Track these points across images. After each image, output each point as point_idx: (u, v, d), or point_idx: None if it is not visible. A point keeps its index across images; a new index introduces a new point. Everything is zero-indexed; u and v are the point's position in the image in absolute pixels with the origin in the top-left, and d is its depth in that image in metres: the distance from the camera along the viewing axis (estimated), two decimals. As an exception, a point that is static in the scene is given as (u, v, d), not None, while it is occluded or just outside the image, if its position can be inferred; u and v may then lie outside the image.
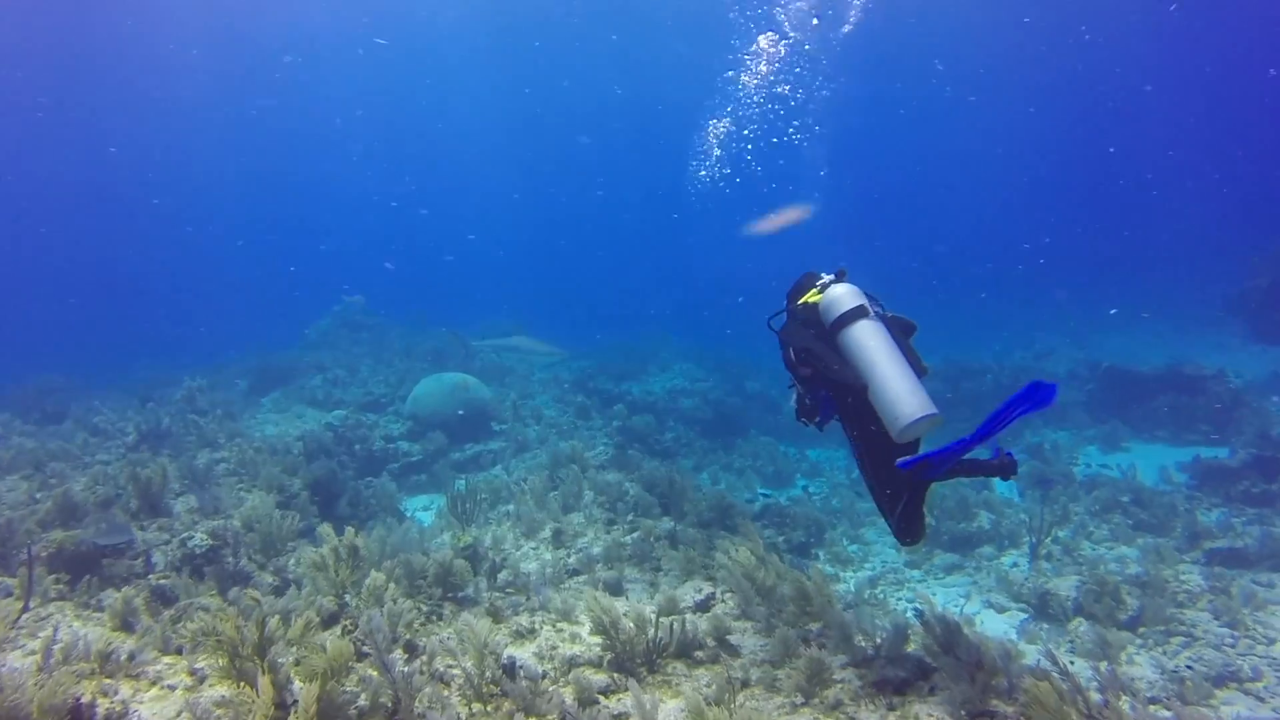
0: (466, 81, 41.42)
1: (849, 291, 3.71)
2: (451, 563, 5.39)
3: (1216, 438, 12.52)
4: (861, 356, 3.50)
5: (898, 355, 3.47)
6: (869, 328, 3.55)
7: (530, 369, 16.30)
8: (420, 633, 4.64)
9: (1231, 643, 6.75)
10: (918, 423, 3.30)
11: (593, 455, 9.90)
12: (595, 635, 4.21)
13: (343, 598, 4.86)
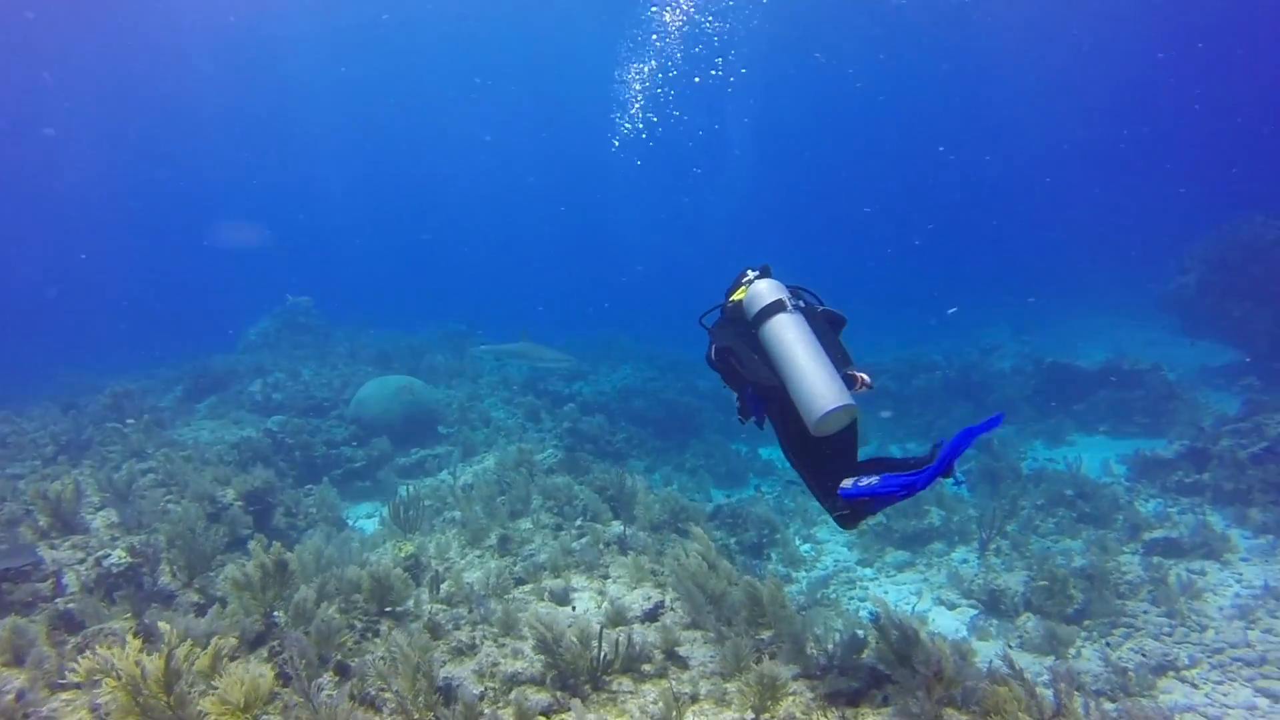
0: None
1: (768, 286, 3.67)
2: (390, 575, 5.13)
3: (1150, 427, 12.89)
4: (777, 351, 3.44)
5: (814, 348, 3.39)
6: (785, 321, 3.48)
7: (479, 370, 15.96)
8: (354, 652, 4.38)
9: (1169, 631, 6.88)
10: (830, 414, 3.20)
11: (542, 458, 9.66)
12: (538, 652, 4.01)
13: (271, 617, 4.56)
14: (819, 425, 3.24)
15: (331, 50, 37.35)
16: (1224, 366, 15.62)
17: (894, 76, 42.32)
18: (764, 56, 34.05)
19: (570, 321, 29.18)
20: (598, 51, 28.04)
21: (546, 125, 46.46)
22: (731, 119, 41.63)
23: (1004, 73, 41.76)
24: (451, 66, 40.29)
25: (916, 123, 47.82)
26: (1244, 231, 15.50)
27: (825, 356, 3.37)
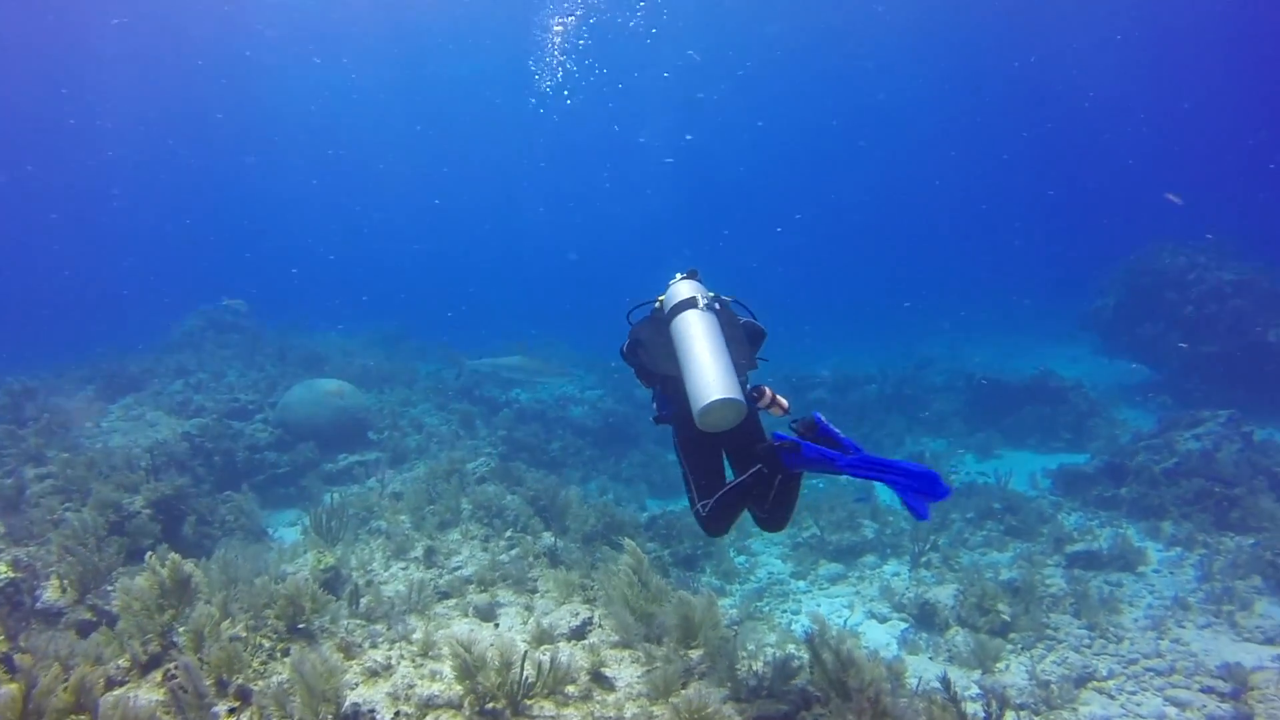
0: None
1: (687, 286, 3.68)
2: (304, 589, 4.84)
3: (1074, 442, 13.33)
4: (680, 344, 3.42)
5: (715, 344, 3.35)
6: (693, 316, 3.46)
7: (413, 374, 15.53)
8: (259, 675, 4.09)
9: (1089, 644, 7.03)
10: (714, 405, 3.14)
11: (473, 467, 9.40)
12: (457, 674, 3.80)
13: (170, 637, 4.23)
14: (702, 416, 3.18)
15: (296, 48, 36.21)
16: (1140, 384, 16.29)
17: (842, 97, 43.38)
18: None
19: (507, 324, 28.69)
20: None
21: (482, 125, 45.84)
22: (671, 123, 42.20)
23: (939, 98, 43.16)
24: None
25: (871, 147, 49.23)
26: (1156, 258, 16.26)
27: (726, 355, 3.32)
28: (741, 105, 43.83)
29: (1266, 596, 7.58)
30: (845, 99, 43.80)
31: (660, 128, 45.26)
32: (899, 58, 37.02)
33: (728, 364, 3.28)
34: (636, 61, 36.46)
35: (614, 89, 38.41)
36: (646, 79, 38.40)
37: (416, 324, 23.88)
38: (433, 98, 41.44)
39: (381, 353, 17.70)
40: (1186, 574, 8.29)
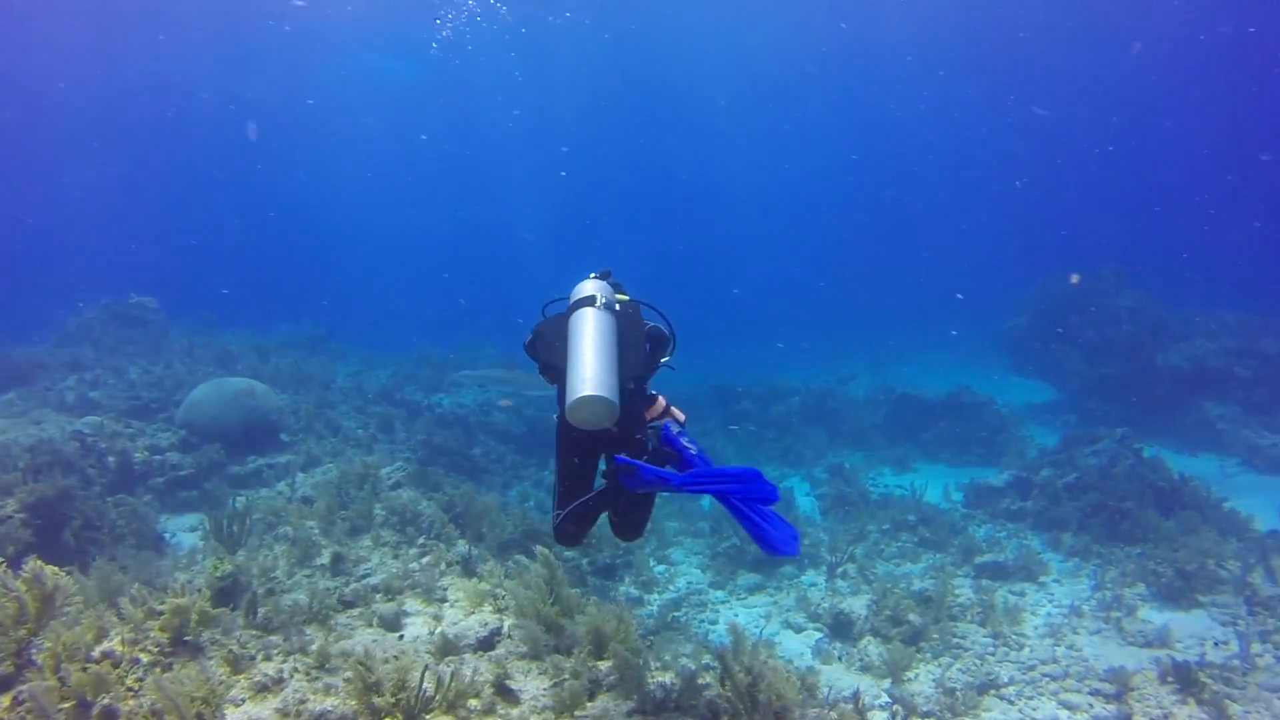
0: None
1: (590, 284, 3.65)
2: (192, 598, 4.54)
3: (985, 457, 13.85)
4: (570, 339, 3.40)
5: (603, 343, 3.32)
6: (588, 314, 3.43)
7: (331, 376, 15.00)
8: (132, 693, 3.80)
9: (993, 651, 7.26)
10: (581, 400, 3.12)
11: (389, 471, 9.10)
12: (352, 687, 3.62)
13: (27, 655, 3.89)
14: (571, 411, 3.17)
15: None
16: (1047, 403, 17.08)
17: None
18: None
19: (433, 324, 28.08)
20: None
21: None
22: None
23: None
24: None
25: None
26: (1063, 283, 17.14)
27: (609, 355, 3.30)
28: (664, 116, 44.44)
29: (1149, 603, 7.99)
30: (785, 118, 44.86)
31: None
32: (838, 69, 38.09)
33: (607, 364, 3.25)
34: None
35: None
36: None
37: (342, 326, 23.18)
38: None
39: (300, 354, 17.03)
40: (1082, 583, 8.67)
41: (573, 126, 45.85)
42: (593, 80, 39.85)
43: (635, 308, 3.72)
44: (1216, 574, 8.20)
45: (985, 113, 41.71)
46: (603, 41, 35.45)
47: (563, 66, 37.94)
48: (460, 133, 47.56)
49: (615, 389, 3.19)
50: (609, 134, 47.51)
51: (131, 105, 38.10)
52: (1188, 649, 6.96)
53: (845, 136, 46.82)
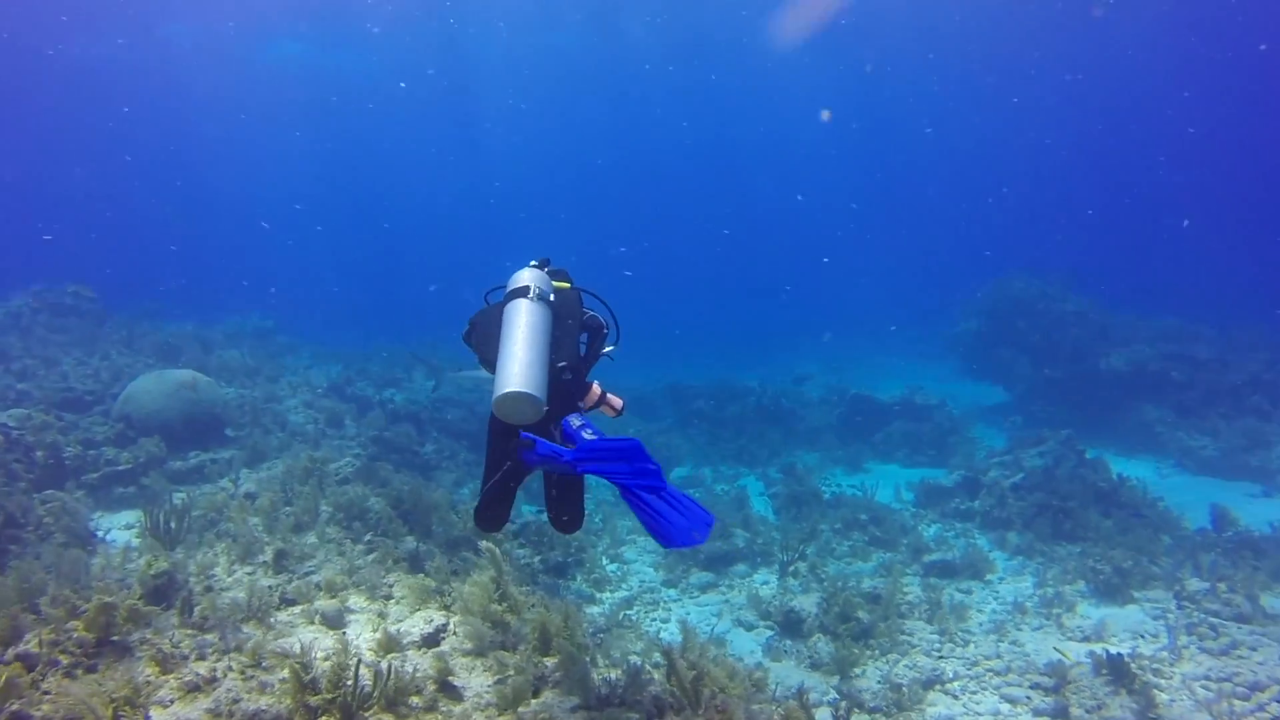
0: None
1: (525, 274, 3.64)
2: (120, 597, 4.36)
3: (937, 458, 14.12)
4: (502, 331, 3.41)
5: (534, 335, 3.33)
6: (520, 305, 3.44)
7: (279, 369, 14.63)
8: (45, 697, 3.62)
9: (939, 648, 7.38)
10: (506, 397, 3.15)
11: (337, 467, 8.89)
12: (287, 685, 3.50)
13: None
14: (497, 406, 3.19)
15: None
16: (996, 405, 17.48)
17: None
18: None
19: (385, 319, 27.55)
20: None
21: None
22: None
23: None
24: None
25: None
26: (1012, 287, 17.59)
27: (542, 347, 3.31)
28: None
29: (1088, 599, 8.22)
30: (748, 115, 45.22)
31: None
32: (789, 70, 38.48)
33: (536, 358, 3.25)
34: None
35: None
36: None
37: (293, 319, 22.66)
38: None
39: (247, 346, 16.55)
40: (1025, 581, 8.87)
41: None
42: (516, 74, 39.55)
43: (572, 297, 3.72)
44: (1150, 571, 8.47)
45: (940, 116, 42.60)
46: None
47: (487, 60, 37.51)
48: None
49: (542, 384, 3.20)
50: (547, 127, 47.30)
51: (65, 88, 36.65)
52: (1121, 642, 7.16)
53: (806, 139, 47.40)
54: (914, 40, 33.97)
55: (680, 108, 43.15)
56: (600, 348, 3.82)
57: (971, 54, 35.05)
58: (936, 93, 39.39)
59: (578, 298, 3.77)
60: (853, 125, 44.54)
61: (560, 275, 3.85)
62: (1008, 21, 31.52)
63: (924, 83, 38.81)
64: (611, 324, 3.85)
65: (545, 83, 39.71)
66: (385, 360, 17.05)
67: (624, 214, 57.86)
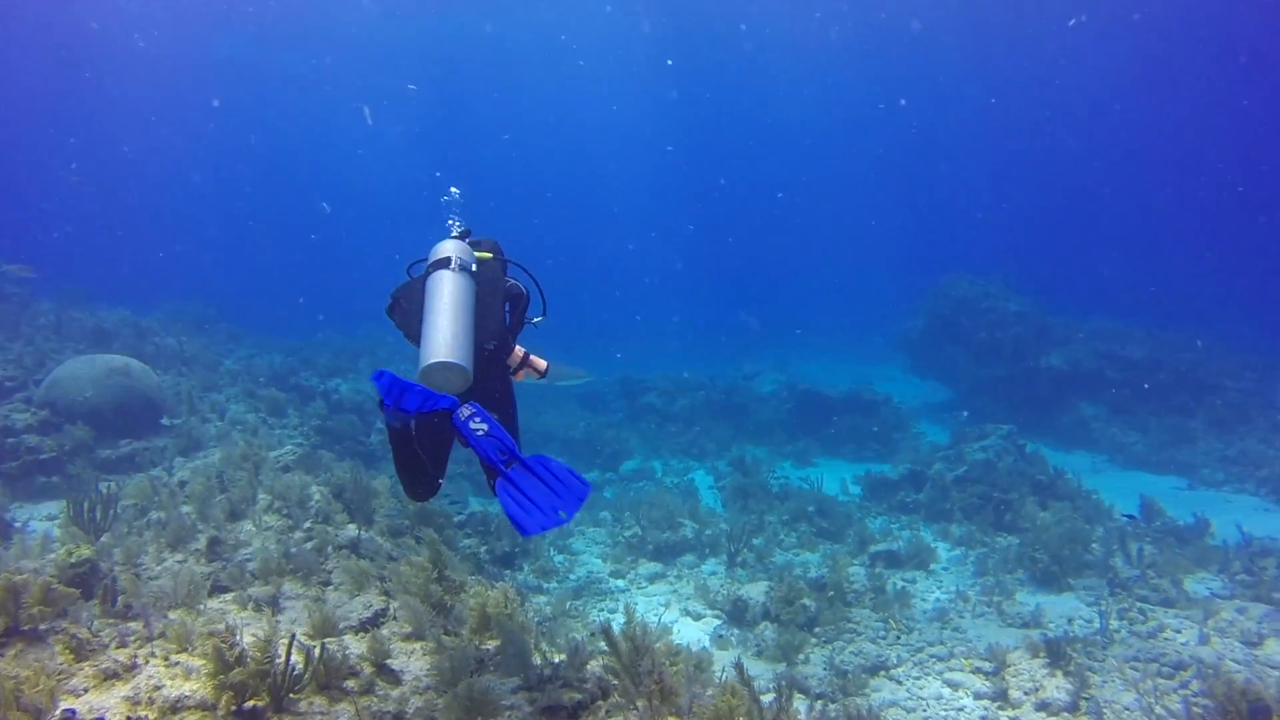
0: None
1: (447, 245, 3.61)
2: (28, 584, 4.12)
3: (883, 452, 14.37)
4: (426, 303, 3.41)
5: (457, 306, 3.33)
6: (443, 276, 3.43)
7: (219, 357, 14.14)
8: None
9: (884, 635, 7.48)
10: (432, 367, 3.15)
11: (278, 455, 8.60)
12: (212, 670, 3.34)
13: None
14: (425, 376, 3.18)
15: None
16: (941, 401, 17.88)
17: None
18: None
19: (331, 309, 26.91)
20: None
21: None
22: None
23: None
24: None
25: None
26: (956, 287, 18.00)
27: (466, 318, 3.31)
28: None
29: (1026, 587, 8.44)
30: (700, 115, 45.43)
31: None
32: (762, 70, 38.84)
33: (461, 328, 3.24)
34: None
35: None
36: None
37: (235, 306, 21.94)
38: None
39: (185, 334, 15.95)
40: (967, 570, 9.07)
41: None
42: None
43: (495, 267, 3.71)
44: (1084, 559, 8.74)
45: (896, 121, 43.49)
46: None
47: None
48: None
49: (468, 353, 3.19)
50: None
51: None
52: (1058, 628, 7.36)
53: (775, 139, 47.90)
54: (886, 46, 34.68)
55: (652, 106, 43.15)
56: (524, 315, 3.85)
57: (948, 60, 35.87)
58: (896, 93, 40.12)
59: (501, 267, 3.76)
60: (818, 122, 45.11)
61: (485, 246, 3.83)
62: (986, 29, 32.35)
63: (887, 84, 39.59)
64: (535, 293, 3.89)
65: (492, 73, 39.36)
66: (333, 351, 16.68)
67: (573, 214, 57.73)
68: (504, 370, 3.69)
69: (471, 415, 3.15)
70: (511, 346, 3.74)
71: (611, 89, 42.09)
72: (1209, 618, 7.36)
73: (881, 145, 47.61)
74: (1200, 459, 13.16)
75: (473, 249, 3.71)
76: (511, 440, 3.14)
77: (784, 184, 51.90)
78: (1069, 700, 5.93)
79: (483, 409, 3.20)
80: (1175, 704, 5.88)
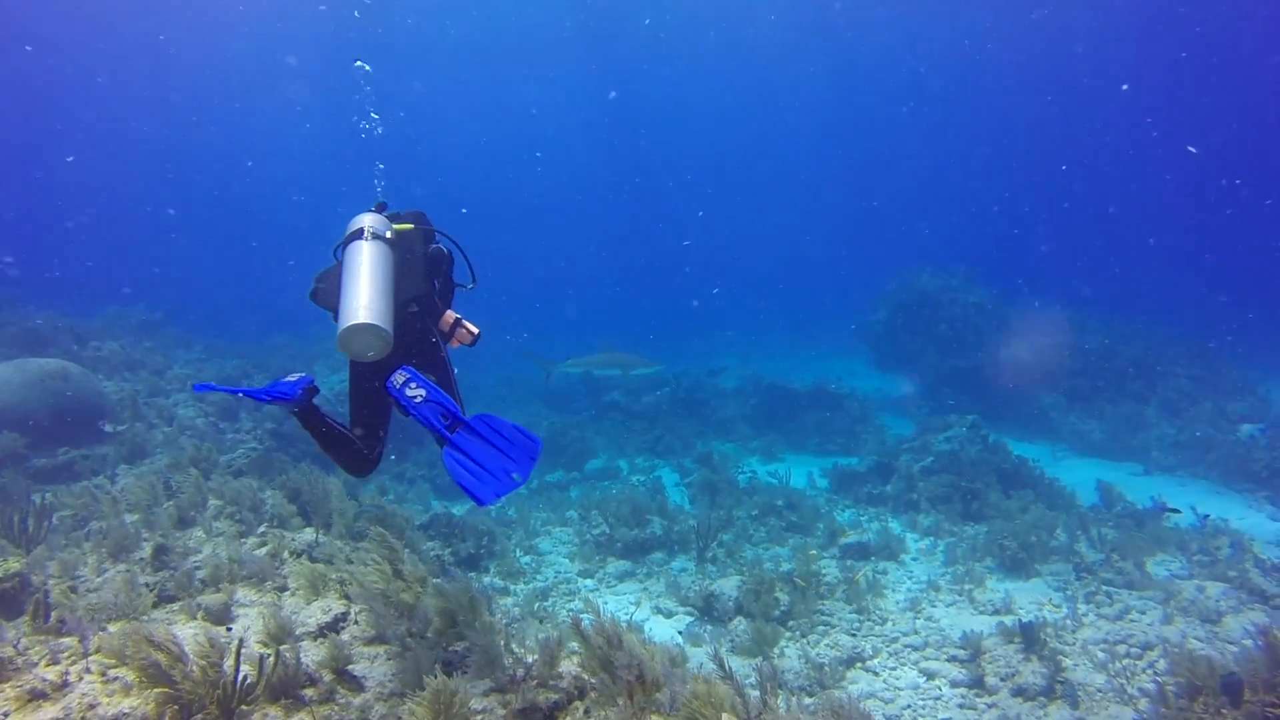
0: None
1: (361, 218, 3.59)
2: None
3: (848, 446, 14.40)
4: (343, 274, 3.37)
5: (373, 272, 3.30)
6: (357, 246, 3.39)
7: (167, 363, 13.58)
8: None
9: (858, 627, 7.42)
10: (348, 330, 3.09)
11: (230, 459, 8.24)
12: (154, 683, 3.08)
13: None
14: (342, 342, 3.13)
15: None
16: (905, 393, 18.00)
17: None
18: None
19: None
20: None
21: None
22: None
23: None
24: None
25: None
26: (918, 279, 18.18)
27: (382, 282, 3.27)
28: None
29: (996, 574, 8.46)
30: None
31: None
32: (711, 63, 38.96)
33: (376, 291, 3.19)
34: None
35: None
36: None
37: (185, 311, 21.18)
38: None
39: (129, 339, 15.29)
40: (937, 559, 9.07)
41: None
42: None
43: (415, 235, 3.70)
44: (1050, 545, 8.81)
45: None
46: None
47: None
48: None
49: (385, 315, 3.14)
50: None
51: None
52: (1028, 613, 7.38)
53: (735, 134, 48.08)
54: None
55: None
56: (450, 278, 3.85)
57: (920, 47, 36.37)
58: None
59: (421, 236, 3.73)
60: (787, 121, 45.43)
61: (406, 218, 3.80)
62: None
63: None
64: (459, 257, 3.92)
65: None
66: (287, 354, 16.18)
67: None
68: (433, 335, 3.64)
69: (407, 381, 3.05)
70: (439, 309, 3.68)
71: (542, 87, 41.93)
72: (1170, 598, 7.46)
73: (842, 139, 48.22)
74: (1154, 444, 13.44)
75: (391, 221, 3.67)
76: (453, 403, 2.99)
77: (742, 181, 52.27)
78: (1045, 685, 5.92)
79: (418, 373, 3.12)
80: (1146, 683, 5.91)
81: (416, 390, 3.02)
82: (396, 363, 3.20)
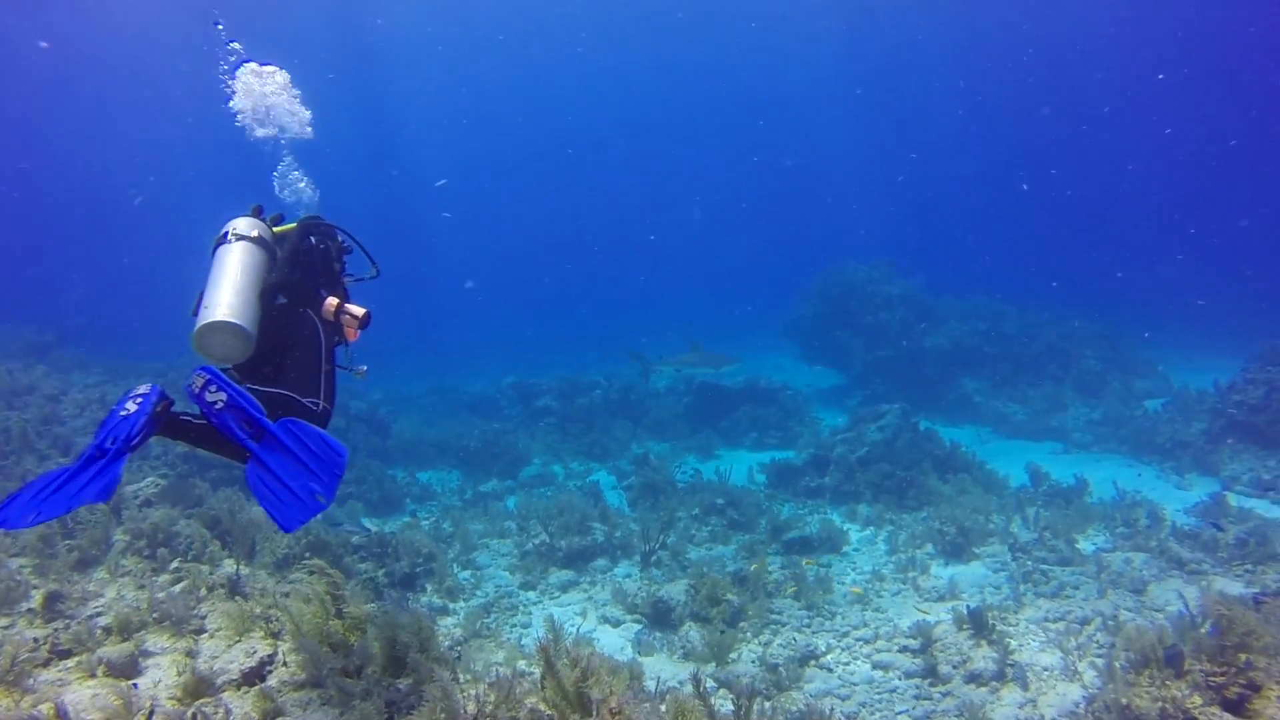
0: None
1: (234, 221, 3.45)
2: None
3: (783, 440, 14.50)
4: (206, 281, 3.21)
5: (234, 274, 3.18)
6: (220, 250, 3.27)
7: (62, 388, 12.55)
8: None
9: (809, 623, 7.37)
10: (201, 331, 2.97)
11: (136, 489, 7.57)
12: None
13: None
14: (196, 342, 3.02)
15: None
16: (836, 386, 18.31)
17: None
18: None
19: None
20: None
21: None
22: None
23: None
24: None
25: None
26: (843, 272, 18.54)
27: (243, 280, 3.15)
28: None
29: (938, 560, 8.59)
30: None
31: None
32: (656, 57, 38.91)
33: (234, 289, 3.06)
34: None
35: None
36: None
37: (87, 331, 19.70)
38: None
39: (13, 364, 14.05)
40: (879, 549, 9.16)
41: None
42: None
43: (290, 234, 3.55)
44: (986, 528, 9.00)
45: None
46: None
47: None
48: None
49: (244, 313, 3.01)
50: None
51: None
52: (971, 597, 7.49)
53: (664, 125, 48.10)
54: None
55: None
56: (330, 269, 3.65)
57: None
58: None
59: (299, 232, 3.58)
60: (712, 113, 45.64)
61: (278, 221, 3.68)
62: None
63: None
64: (350, 244, 3.82)
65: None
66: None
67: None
68: (307, 327, 3.38)
69: (207, 384, 2.71)
70: (313, 298, 3.43)
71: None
72: (1101, 571, 7.70)
73: (767, 144, 48.98)
74: (1071, 423, 14.02)
75: (272, 225, 3.54)
76: (257, 407, 2.70)
77: (667, 185, 52.53)
78: (996, 669, 5.97)
79: (220, 375, 2.81)
80: (1094, 658, 6.03)
81: (217, 395, 2.71)
82: (259, 358, 3.10)
